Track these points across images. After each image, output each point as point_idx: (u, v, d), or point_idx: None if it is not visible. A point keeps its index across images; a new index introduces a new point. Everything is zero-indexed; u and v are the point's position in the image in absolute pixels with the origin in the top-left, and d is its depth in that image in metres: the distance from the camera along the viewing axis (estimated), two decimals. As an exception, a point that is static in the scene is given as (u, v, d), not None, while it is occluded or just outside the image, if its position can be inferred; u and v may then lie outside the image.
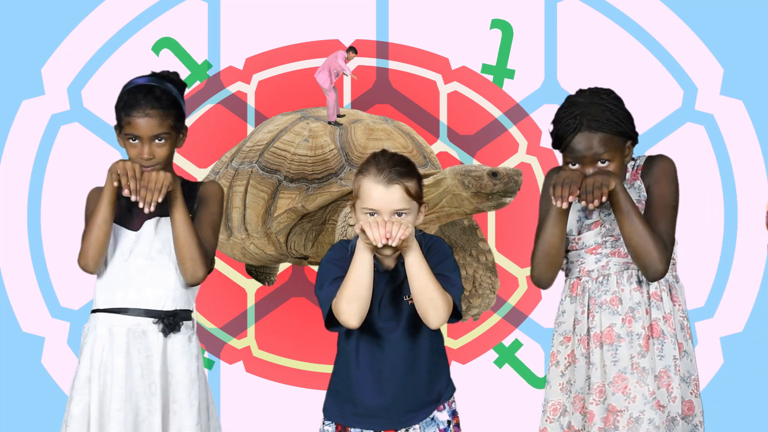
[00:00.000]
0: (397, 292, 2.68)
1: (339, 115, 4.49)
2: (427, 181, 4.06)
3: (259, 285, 4.87)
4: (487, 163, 4.45)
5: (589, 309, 2.81)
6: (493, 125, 4.80)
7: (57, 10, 4.73)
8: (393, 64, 4.81)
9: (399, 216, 2.61)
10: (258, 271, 4.89)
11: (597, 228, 2.82)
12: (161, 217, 2.88)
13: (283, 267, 4.86)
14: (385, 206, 2.61)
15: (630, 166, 2.85)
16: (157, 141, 2.84)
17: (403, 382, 2.67)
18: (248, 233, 4.40)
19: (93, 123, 4.72)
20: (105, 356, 2.84)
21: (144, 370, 2.83)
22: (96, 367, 2.84)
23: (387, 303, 2.67)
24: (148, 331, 2.85)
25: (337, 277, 2.63)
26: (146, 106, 2.83)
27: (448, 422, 2.71)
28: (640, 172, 2.83)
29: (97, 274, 2.89)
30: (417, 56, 4.81)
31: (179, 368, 2.86)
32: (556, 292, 2.93)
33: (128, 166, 2.79)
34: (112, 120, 2.90)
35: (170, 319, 2.85)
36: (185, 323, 2.89)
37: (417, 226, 2.69)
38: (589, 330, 2.80)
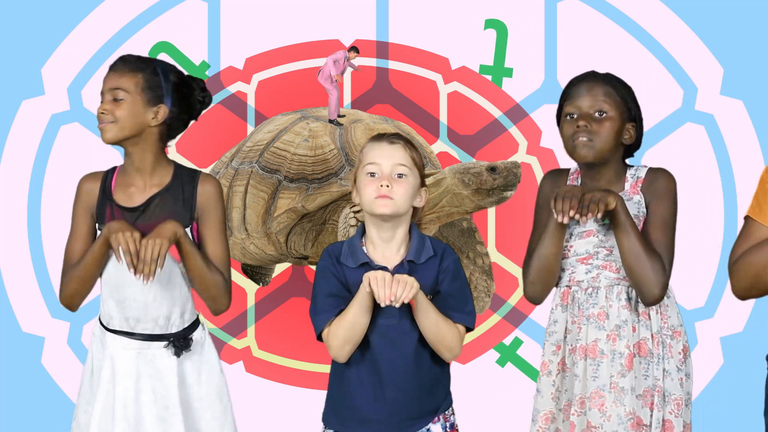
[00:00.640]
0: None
1: (339, 115, 4.50)
2: (428, 181, 4.06)
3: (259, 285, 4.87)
4: (487, 163, 4.45)
5: (577, 319, 2.80)
6: (493, 125, 4.80)
7: (57, 10, 4.72)
8: (393, 64, 4.81)
9: (399, 178, 2.61)
10: (254, 271, 4.88)
11: (589, 237, 2.79)
12: None
13: (283, 267, 4.85)
14: (387, 161, 2.62)
15: (630, 175, 2.82)
16: (115, 100, 2.80)
17: (403, 386, 2.64)
18: (248, 233, 4.40)
19: (93, 123, 4.63)
20: (110, 377, 2.74)
21: (156, 395, 2.73)
22: (103, 386, 2.74)
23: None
24: (158, 356, 2.76)
25: (330, 294, 2.62)
26: (116, 65, 2.82)
27: None
28: (640, 186, 2.80)
29: (101, 289, 2.81)
30: (417, 56, 4.81)
31: (201, 395, 2.79)
32: (552, 294, 2.91)
33: (128, 239, 2.65)
34: (112, 120, 2.90)
35: (181, 342, 2.78)
36: (195, 335, 2.83)
37: (418, 226, 2.69)
38: (577, 340, 2.79)
